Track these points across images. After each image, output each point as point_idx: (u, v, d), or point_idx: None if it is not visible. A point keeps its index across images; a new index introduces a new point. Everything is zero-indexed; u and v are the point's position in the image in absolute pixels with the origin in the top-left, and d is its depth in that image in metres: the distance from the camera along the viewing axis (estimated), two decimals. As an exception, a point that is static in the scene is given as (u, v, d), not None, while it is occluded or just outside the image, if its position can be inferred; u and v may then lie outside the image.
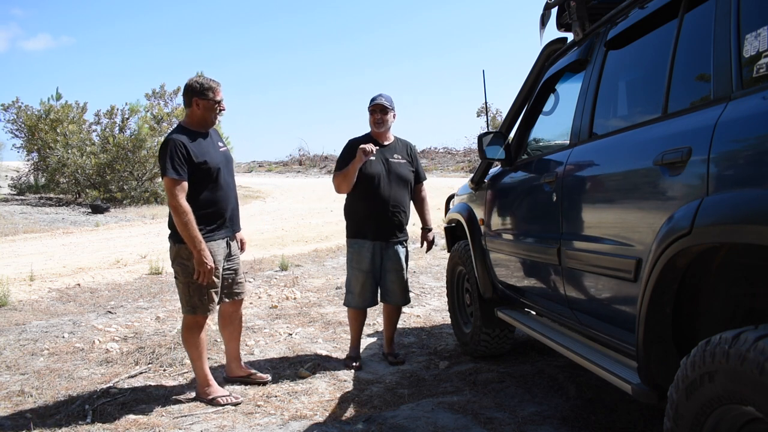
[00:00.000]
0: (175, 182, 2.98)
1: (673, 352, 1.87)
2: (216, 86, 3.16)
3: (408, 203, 3.86)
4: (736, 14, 1.68)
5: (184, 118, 3.24)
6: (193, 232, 2.98)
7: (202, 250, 3.00)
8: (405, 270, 3.85)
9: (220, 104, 3.18)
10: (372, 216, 3.72)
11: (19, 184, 20.82)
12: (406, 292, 3.90)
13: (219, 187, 3.17)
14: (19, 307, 5.65)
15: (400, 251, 3.81)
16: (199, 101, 3.14)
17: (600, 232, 2.24)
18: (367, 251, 3.74)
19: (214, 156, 3.17)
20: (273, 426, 2.91)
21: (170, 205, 3.02)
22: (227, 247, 3.29)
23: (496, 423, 2.83)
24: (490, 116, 19.06)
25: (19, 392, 3.40)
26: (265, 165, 37.33)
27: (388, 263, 3.79)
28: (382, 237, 3.74)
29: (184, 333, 3.22)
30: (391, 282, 3.81)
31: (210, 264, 3.03)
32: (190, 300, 3.13)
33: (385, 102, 3.73)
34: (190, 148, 3.05)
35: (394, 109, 3.81)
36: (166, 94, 21.52)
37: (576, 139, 2.53)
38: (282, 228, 12.44)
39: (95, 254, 9.29)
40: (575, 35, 2.81)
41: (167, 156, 2.99)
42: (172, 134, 3.10)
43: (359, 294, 3.80)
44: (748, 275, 1.75)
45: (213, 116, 3.20)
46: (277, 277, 6.97)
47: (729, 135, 1.60)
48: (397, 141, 3.89)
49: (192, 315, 3.16)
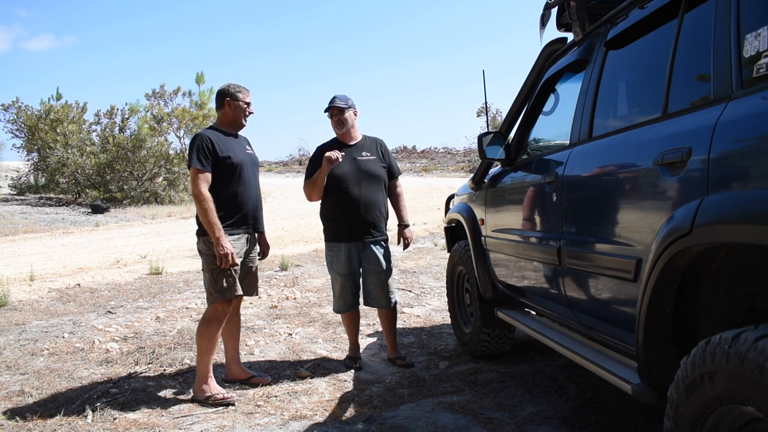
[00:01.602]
0: (198, 172, 3.17)
1: (673, 352, 1.87)
2: (245, 90, 3.41)
3: (383, 201, 3.78)
4: (736, 14, 1.68)
5: (216, 120, 3.47)
6: (212, 218, 3.12)
7: (221, 237, 3.12)
8: (386, 271, 3.75)
9: (249, 106, 3.42)
10: (345, 217, 3.67)
11: (19, 184, 20.84)
12: (388, 294, 3.78)
13: (241, 183, 3.30)
14: (19, 307, 5.65)
15: (379, 252, 3.73)
16: (231, 102, 3.36)
17: (600, 232, 2.24)
18: (343, 254, 3.69)
19: (239, 154, 3.33)
20: (273, 426, 2.91)
21: (192, 193, 3.23)
22: (246, 243, 3.35)
23: (496, 423, 2.83)
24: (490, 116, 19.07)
25: (19, 392, 3.40)
26: (265, 165, 37.34)
27: (367, 265, 3.73)
28: (356, 237, 3.69)
29: (202, 326, 3.26)
30: (371, 284, 3.76)
31: (228, 249, 3.12)
32: (216, 285, 3.19)
33: (339, 102, 3.70)
34: (216, 143, 3.24)
35: (352, 106, 3.76)
36: (166, 94, 21.54)
37: (576, 139, 2.53)
38: (282, 228, 12.44)
39: (95, 254, 9.29)
40: (575, 35, 2.81)
41: (194, 148, 3.20)
42: (202, 131, 3.34)
43: (339, 297, 3.77)
44: (748, 275, 1.75)
45: (243, 117, 3.41)
46: (277, 277, 6.97)
47: (729, 135, 1.60)
48: (365, 138, 3.84)
49: (218, 303, 3.21)
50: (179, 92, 21.65)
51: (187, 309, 5.47)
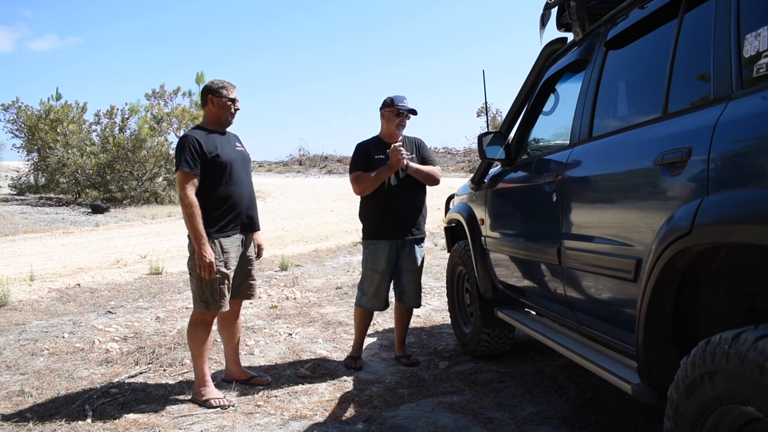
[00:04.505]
0: (185, 175, 3.09)
1: (673, 352, 1.87)
2: (229, 85, 3.30)
3: (423, 200, 3.84)
4: (736, 14, 1.68)
5: (203, 118, 3.40)
6: (196, 224, 3.05)
7: (203, 244, 3.05)
8: (420, 270, 3.83)
9: (234, 103, 3.31)
10: (387, 215, 3.70)
11: (19, 184, 20.82)
12: (420, 294, 3.89)
13: (233, 182, 3.24)
14: (19, 307, 5.65)
15: (417, 251, 3.79)
16: (213, 99, 3.27)
17: (600, 232, 2.24)
18: (383, 252, 3.72)
19: (228, 152, 3.26)
20: (273, 426, 2.91)
21: (179, 197, 3.15)
22: (242, 245, 3.33)
23: (496, 423, 2.83)
24: (490, 116, 19.06)
25: (19, 392, 3.40)
26: (265, 165, 37.29)
27: (404, 263, 3.77)
28: (397, 235, 3.72)
29: (190, 329, 3.24)
30: (406, 282, 3.80)
31: (209, 259, 3.06)
32: (202, 295, 3.16)
33: (411, 106, 3.77)
34: (203, 142, 3.16)
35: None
36: (166, 94, 21.54)
37: (576, 139, 2.53)
38: (282, 228, 12.44)
39: (95, 254, 9.29)
40: (575, 35, 2.81)
41: (181, 150, 3.12)
42: (188, 132, 3.26)
43: (372, 296, 3.77)
44: (748, 275, 1.75)
45: (227, 114, 3.31)
46: (277, 277, 6.97)
47: (729, 135, 1.60)
48: (405, 139, 3.88)
49: (203, 311, 3.19)
50: (179, 92, 21.65)
51: (187, 309, 5.47)
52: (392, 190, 3.69)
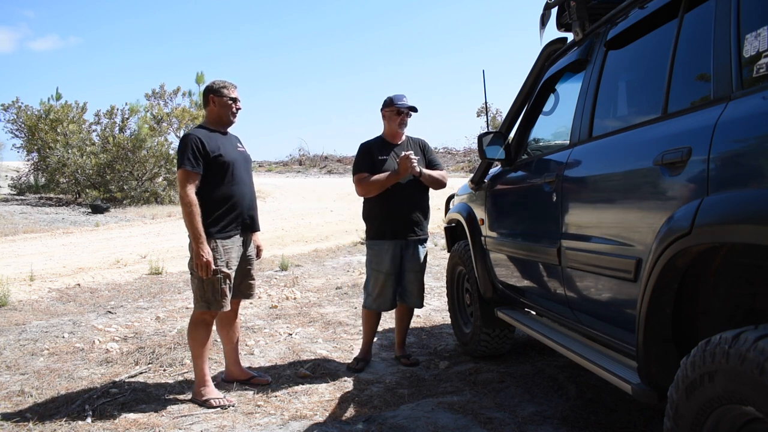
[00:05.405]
0: (186, 174, 3.09)
1: (673, 352, 1.87)
2: (230, 85, 3.32)
3: (426, 200, 3.84)
4: (736, 14, 1.68)
5: (204, 118, 3.41)
6: (195, 223, 3.06)
7: (201, 243, 3.06)
8: (423, 270, 3.84)
9: (235, 102, 3.33)
10: (390, 216, 3.70)
11: (19, 184, 20.81)
12: (422, 294, 3.89)
13: (234, 182, 3.25)
14: (19, 307, 5.65)
15: (420, 251, 3.80)
16: (215, 98, 3.29)
17: (600, 232, 2.24)
18: (386, 252, 3.71)
19: (230, 152, 3.27)
20: (273, 426, 2.91)
21: (179, 195, 3.16)
22: (242, 245, 3.33)
23: (496, 423, 2.83)
24: (490, 116, 19.06)
25: (19, 392, 3.40)
26: (265, 165, 37.28)
27: (407, 263, 3.78)
28: (401, 235, 3.73)
29: (190, 329, 3.25)
30: (409, 282, 3.80)
31: (206, 258, 3.06)
32: (204, 295, 3.16)
33: (411, 104, 3.77)
34: (205, 142, 3.17)
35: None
36: (166, 94, 21.55)
37: (576, 139, 2.53)
38: (282, 228, 12.44)
39: (95, 254, 9.29)
40: (575, 35, 2.81)
41: (183, 148, 3.13)
42: (190, 131, 3.28)
43: (377, 296, 3.77)
44: (748, 275, 1.75)
45: (229, 114, 3.33)
46: (277, 277, 6.97)
47: (729, 135, 1.60)
48: (409, 139, 3.88)
49: (204, 311, 3.19)
50: (179, 92, 21.66)
51: (187, 309, 5.47)
52: (396, 191, 3.68)
